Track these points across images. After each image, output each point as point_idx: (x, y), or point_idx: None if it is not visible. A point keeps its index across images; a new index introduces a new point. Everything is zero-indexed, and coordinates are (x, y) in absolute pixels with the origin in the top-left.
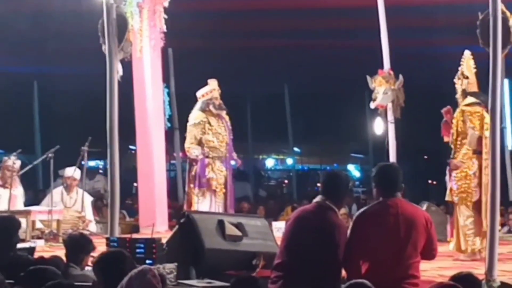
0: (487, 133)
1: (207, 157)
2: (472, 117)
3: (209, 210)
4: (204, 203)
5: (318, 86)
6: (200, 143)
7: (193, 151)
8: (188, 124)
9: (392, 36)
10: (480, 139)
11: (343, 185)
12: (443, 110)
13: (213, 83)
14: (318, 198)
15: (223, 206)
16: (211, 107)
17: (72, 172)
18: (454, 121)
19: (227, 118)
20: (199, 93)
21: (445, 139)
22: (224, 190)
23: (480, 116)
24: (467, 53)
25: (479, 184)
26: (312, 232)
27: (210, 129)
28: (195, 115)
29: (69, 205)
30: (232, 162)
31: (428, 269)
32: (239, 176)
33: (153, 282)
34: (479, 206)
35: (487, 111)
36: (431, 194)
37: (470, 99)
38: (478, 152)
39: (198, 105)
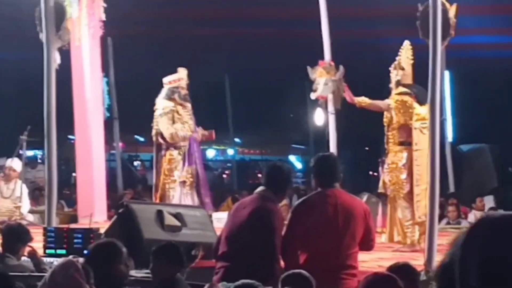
0: (416, 124)
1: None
2: (399, 107)
3: (180, 202)
4: (176, 195)
5: (259, 76)
6: None
7: (181, 132)
8: (157, 113)
9: (333, 27)
10: (407, 130)
11: (284, 177)
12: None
13: (182, 72)
14: (259, 189)
15: (192, 197)
16: (176, 96)
17: (10, 162)
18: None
19: (189, 106)
20: (166, 80)
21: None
22: (191, 180)
23: (407, 106)
24: (406, 43)
25: (409, 176)
26: (248, 219)
27: (178, 118)
28: (163, 105)
29: (5, 195)
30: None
31: (367, 260)
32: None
33: (76, 276)
34: (411, 198)
35: (417, 102)
36: (372, 185)
37: (402, 89)
38: (406, 144)
39: (164, 92)
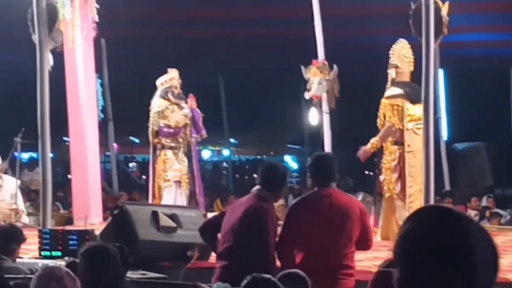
0: (409, 125)
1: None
2: (391, 111)
3: (174, 203)
4: (170, 195)
5: (253, 76)
6: None
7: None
8: (152, 111)
9: (326, 26)
10: (400, 131)
11: (280, 177)
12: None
13: (173, 72)
14: (254, 188)
15: (187, 197)
16: (169, 95)
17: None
18: (379, 113)
19: (185, 104)
20: (158, 81)
21: None
22: (187, 180)
23: (399, 109)
24: (400, 41)
25: (400, 176)
26: (242, 218)
27: (172, 114)
28: (159, 103)
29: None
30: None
31: (363, 259)
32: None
33: (64, 282)
34: (404, 197)
35: (410, 102)
36: (367, 184)
37: (393, 91)
38: (399, 144)
39: (158, 93)
